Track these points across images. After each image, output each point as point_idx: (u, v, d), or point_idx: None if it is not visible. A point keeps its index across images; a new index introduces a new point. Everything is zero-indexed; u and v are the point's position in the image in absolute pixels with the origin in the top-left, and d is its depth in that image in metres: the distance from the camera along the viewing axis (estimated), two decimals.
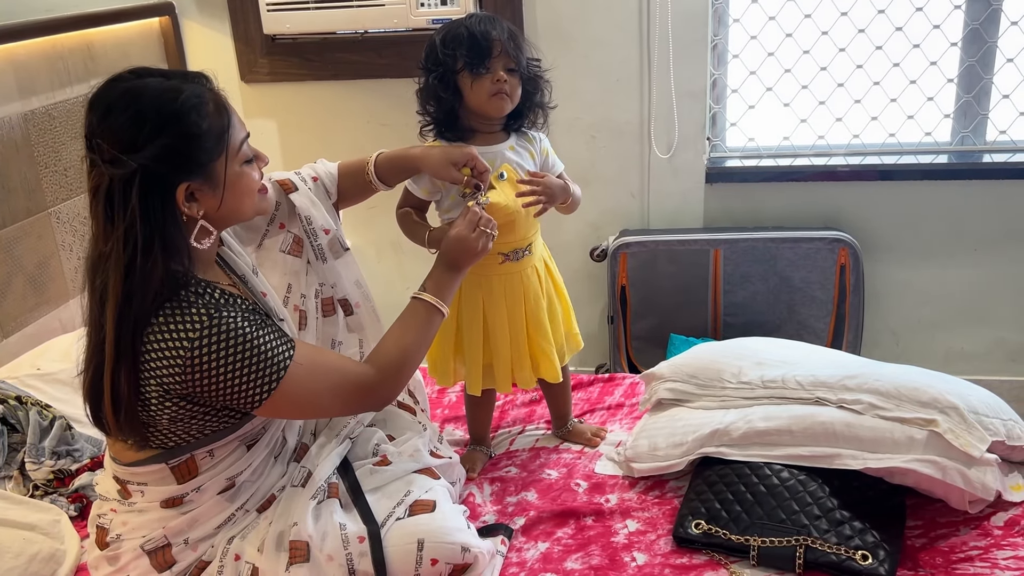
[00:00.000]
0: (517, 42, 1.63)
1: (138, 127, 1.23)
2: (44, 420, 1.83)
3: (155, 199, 1.24)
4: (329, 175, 1.67)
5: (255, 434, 1.44)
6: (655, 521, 1.63)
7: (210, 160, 1.28)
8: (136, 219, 1.23)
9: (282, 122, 2.94)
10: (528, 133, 1.74)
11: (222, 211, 1.33)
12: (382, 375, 1.43)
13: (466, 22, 1.62)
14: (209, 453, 1.39)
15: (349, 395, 1.41)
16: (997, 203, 2.59)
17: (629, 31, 2.61)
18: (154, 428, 1.33)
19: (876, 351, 2.77)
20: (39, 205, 2.25)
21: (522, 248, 1.71)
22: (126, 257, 1.23)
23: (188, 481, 1.39)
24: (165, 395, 1.28)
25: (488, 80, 1.60)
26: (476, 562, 1.43)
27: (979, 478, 1.49)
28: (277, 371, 1.31)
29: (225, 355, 1.27)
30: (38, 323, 2.25)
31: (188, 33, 2.85)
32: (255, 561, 1.39)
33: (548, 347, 1.76)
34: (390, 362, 1.45)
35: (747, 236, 2.64)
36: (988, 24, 2.49)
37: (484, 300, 1.72)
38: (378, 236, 2.97)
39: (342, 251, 1.66)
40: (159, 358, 1.26)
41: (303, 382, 1.34)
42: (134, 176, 1.22)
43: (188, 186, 1.27)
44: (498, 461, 1.88)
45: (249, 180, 1.35)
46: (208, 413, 1.34)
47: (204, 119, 1.27)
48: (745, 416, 1.66)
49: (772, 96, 2.67)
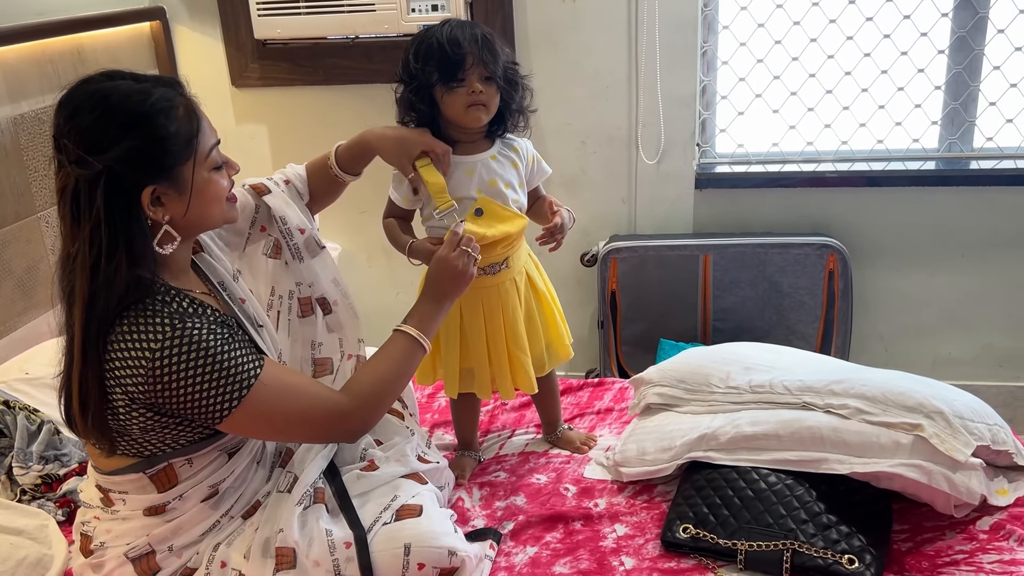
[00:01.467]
0: (492, 48, 1.59)
1: (104, 128, 1.22)
2: (32, 424, 1.82)
3: (120, 201, 1.24)
4: (299, 176, 1.69)
5: (236, 443, 1.43)
6: (643, 525, 1.64)
7: (177, 164, 1.28)
8: (101, 221, 1.22)
9: (273, 127, 2.94)
10: (513, 141, 1.72)
11: (189, 217, 1.31)
12: (356, 404, 1.42)
13: (437, 33, 1.58)
14: (188, 462, 1.38)
15: (319, 422, 1.39)
16: (984, 209, 2.61)
17: (619, 37, 2.62)
18: (127, 436, 1.32)
19: (864, 356, 2.78)
20: (28, 209, 2.24)
21: (498, 263, 1.69)
22: (91, 259, 1.23)
23: (169, 490, 1.38)
24: (131, 403, 1.27)
25: (463, 92, 1.58)
26: (463, 566, 1.42)
27: (964, 482, 1.50)
28: (240, 388, 1.29)
29: (186, 367, 1.25)
30: (26, 327, 2.24)
31: (179, 38, 2.85)
32: (241, 568, 1.39)
33: (524, 359, 1.75)
34: (365, 391, 1.43)
35: (736, 242, 2.65)
36: (975, 32, 2.51)
37: (462, 309, 1.72)
38: (369, 241, 2.97)
39: (318, 249, 1.66)
40: (123, 366, 1.25)
41: (269, 402, 1.32)
42: (99, 177, 1.22)
43: (154, 190, 1.26)
44: (487, 466, 1.88)
45: (217, 187, 1.34)
46: (179, 425, 1.32)
47: (173, 122, 1.26)
48: (733, 421, 1.67)
49: (761, 102, 2.68)
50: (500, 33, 2.64)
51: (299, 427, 1.39)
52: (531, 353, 1.78)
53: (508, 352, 1.75)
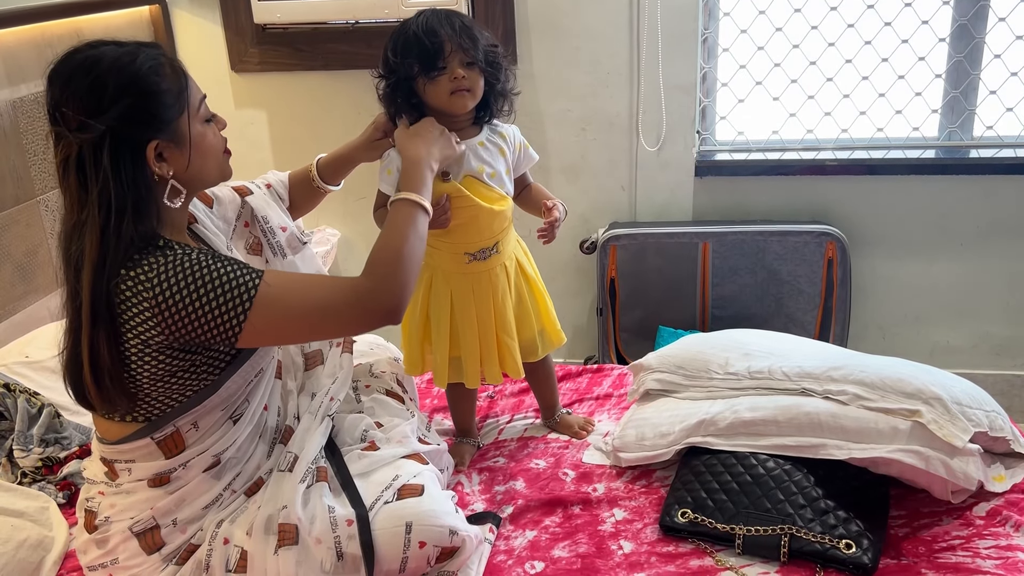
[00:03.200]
0: (470, 34, 1.58)
1: (101, 91, 1.26)
2: (32, 408, 1.83)
3: (126, 159, 1.28)
4: (280, 182, 1.74)
5: (238, 405, 1.44)
6: (642, 510, 1.64)
7: (173, 117, 1.32)
8: (109, 180, 1.26)
9: (272, 112, 2.94)
10: (500, 127, 1.72)
11: (190, 171, 1.35)
12: (374, 276, 1.38)
13: (413, 25, 1.58)
14: (194, 425, 1.39)
15: (343, 307, 1.36)
16: (983, 198, 2.61)
17: (619, 24, 2.62)
18: (137, 392, 1.34)
19: (863, 344, 2.78)
20: (28, 193, 2.24)
21: (488, 248, 1.70)
22: (101, 220, 1.26)
23: (175, 456, 1.40)
24: (145, 347, 1.29)
25: (445, 79, 1.57)
26: (464, 545, 1.44)
27: (962, 468, 1.51)
28: (246, 292, 1.30)
29: (189, 288, 1.27)
30: (26, 311, 2.24)
31: (178, 22, 2.84)
32: (243, 545, 1.40)
33: (512, 344, 1.76)
34: (378, 261, 1.40)
35: (735, 229, 2.65)
36: (976, 20, 2.50)
37: (453, 296, 1.73)
38: (367, 228, 2.93)
39: (300, 246, 1.70)
40: (130, 307, 1.27)
41: (282, 301, 1.32)
42: (103, 139, 1.25)
43: (157, 144, 1.30)
44: (486, 451, 1.89)
45: (213, 138, 1.39)
46: (189, 370, 1.34)
47: (163, 79, 1.31)
48: (732, 406, 1.67)
49: (762, 90, 2.68)
50: (500, 19, 2.64)
51: (324, 319, 1.36)
52: (523, 338, 1.79)
53: (496, 336, 1.75)
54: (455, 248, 1.69)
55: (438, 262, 1.72)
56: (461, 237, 1.67)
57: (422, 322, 1.77)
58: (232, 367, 1.40)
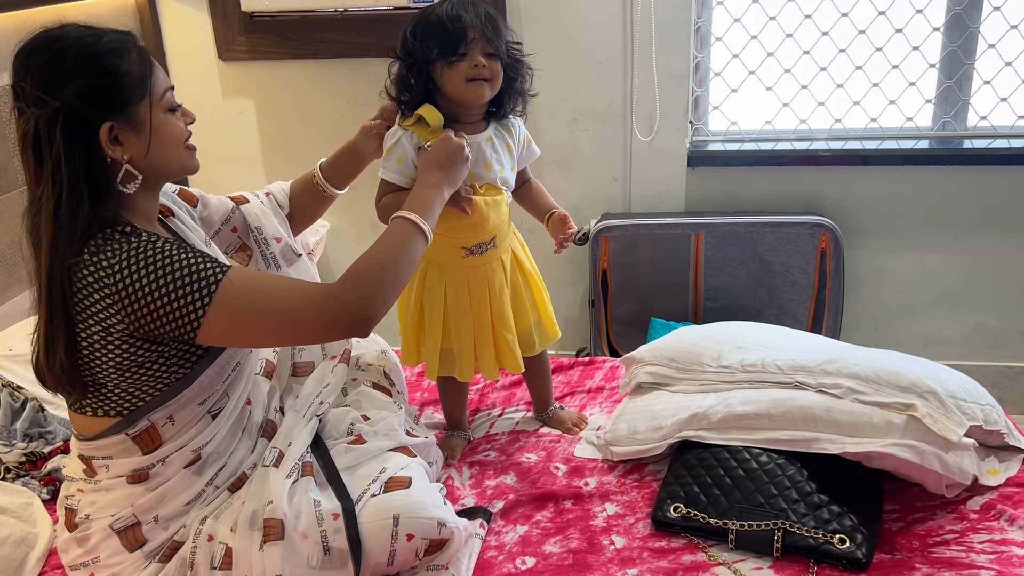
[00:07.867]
0: (495, 25, 1.57)
1: (59, 66, 1.25)
2: (16, 402, 1.80)
3: (79, 138, 1.26)
4: (281, 190, 1.73)
5: (216, 400, 1.42)
6: (634, 504, 1.63)
7: (132, 102, 1.30)
8: (60, 157, 1.25)
9: (260, 101, 2.90)
10: (507, 122, 1.70)
11: (149, 159, 1.33)
12: (347, 284, 1.33)
13: (437, 9, 1.57)
14: (169, 420, 1.37)
15: (308, 312, 1.30)
16: (977, 189, 2.60)
17: (612, 13, 2.59)
18: (103, 388, 1.32)
19: (856, 336, 2.78)
20: (10, 184, 2.21)
21: (485, 242, 1.68)
22: (54, 197, 1.26)
23: (152, 452, 1.38)
24: (106, 335, 1.28)
25: (465, 65, 1.55)
26: (452, 538, 1.42)
27: (956, 462, 1.49)
28: (207, 286, 1.27)
29: (148, 273, 1.25)
30: (9, 304, 2.21)
31: (164, 9, 2.80)
32: (228, 541, 1.38)
33: (510, 338, 1.74)
34: (357, 271, 1.35)
35: (728, 220, 2.64)
36: (971, 9, 2.49)
37: (447, 289, 1.71)
38: (358, 217, 2.94)
39: (295, 257, 1.68)
40: (89, 294, 1.26)
41: (244, 299, 1.28)
42: (57, 115, 1.24)
43: (111, 127, 1.28)
44: (477, 445, 1.87)
45: (174, 128, 1.36)
46: (158, 362, 1.32)
47: (125, 62, 1.30)
48: (724, 400, 1.66)
49: (755, 80, 2.66)
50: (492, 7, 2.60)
51: (286, 321, 1.31)
52: (519, 331, 1.77)
53: (493, 331, 1.74)
54: (451, 242, 1.66)
55: (433, 255, 1.69)
56: (458, 232, 1.65)
57: (416, 313, 1.75)
58: (206, 360, 1.38)
